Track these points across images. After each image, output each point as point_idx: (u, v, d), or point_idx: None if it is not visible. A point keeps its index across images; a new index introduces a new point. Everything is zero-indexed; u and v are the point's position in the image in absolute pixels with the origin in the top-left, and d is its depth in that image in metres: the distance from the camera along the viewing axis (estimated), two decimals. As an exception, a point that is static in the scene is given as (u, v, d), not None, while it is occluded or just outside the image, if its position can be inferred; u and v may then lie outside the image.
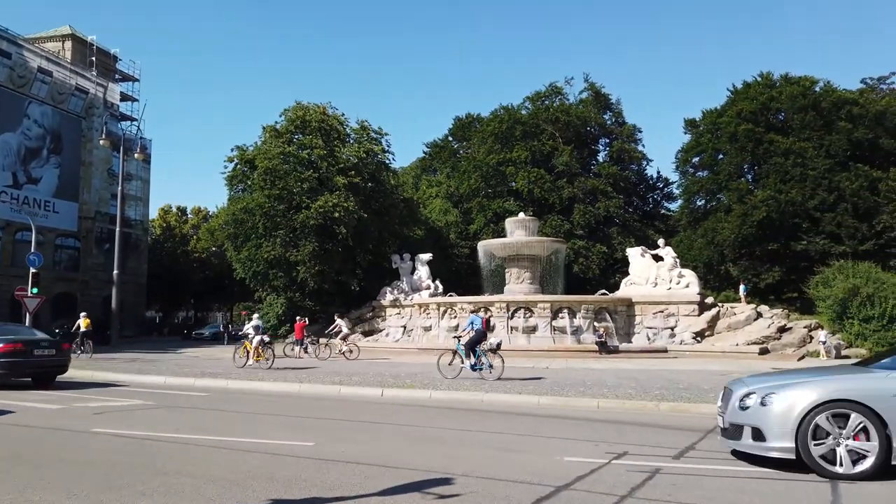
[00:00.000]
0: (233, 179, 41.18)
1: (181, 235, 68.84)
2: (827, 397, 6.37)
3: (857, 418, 6.18)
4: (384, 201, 41.46)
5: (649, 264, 33.67)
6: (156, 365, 20.20)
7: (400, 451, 7.47)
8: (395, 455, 7.16)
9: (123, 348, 31.22)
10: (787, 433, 6.37)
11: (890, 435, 6.10)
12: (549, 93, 56.10)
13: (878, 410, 6.15)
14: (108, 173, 52.86)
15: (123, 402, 11.78)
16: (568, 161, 50.14)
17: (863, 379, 6.73)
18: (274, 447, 7.45)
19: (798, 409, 6.38)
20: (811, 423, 6.29)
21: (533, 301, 30.68)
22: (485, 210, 50.15)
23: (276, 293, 40.50)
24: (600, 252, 47.90)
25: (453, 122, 63.33)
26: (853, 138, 42.86)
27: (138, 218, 57.05)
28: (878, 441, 6.11)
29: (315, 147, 38.85)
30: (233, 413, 10.64)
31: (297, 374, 17.47)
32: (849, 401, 6.28)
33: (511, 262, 34.11)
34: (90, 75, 52.16)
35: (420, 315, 34.75)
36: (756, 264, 44.15)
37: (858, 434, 6.19)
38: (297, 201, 38.28)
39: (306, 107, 40.60)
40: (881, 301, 27.62)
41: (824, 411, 6.30)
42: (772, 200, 42.06)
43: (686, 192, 51.90)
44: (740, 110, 46.21)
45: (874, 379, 6.60)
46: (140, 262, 56.49)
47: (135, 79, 58.53)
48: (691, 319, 31.45)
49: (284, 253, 37.61)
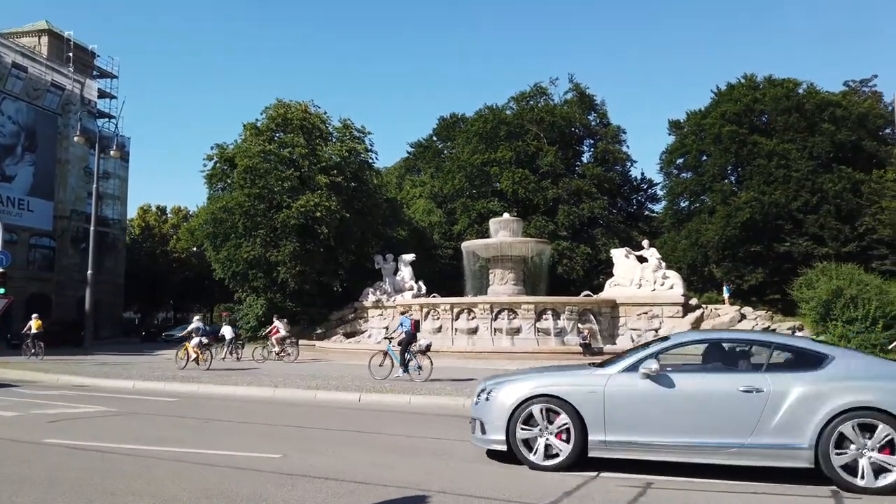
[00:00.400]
0: (212, 178, 40.40)
1: (161, 235, 67.75)
2: (534, 392, 6.72)
3: (555, 409, 6.59)
4: (367, 201, 40.89)
5: (633, 265, 33.45)
6: (126, 368, 19.51)
7: (373, 462, 6.98)
8: (366, 468, 6.67)
9: (97, 350, 30.39)
10: (502, 426, 6.71)
11: (585, 424, 6.47)
12: (534, 93, 55.88)
13: (574, 404, 6.53)
14: (84, 171, 51.72)
15: (84, 409, 11.15)
16: (552, 162, 49.89)
17: (571, 376, 6.97)
18: (238, 460, 6.92)
19: (509, 402, 6.76)
20: (520, 417, 6.66)
21: (517, 302, 30.29)
22: (469, 210, 49.75)
23: (256, 294, 39.75)
24: (584, 253, 47.69)
25: (438, 122, 63.02)
26: (836, 140, 43.04)
27: (116, 217, 55.92)
28: (574, 429, 6.48)
29: (296, 145, 38.18)
30: (199, 421, 10.09)
31: (236, 376, 17.01)
32: (552, 396, 6.65)
33: (495, 263, 33.72)
34: (67, 71, 51.00)
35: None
36: (739, 266, 44.16)
37: (561, 432, 6.54)
38: (278, 200, 37.62)
39: (288, 104, 39.93)
40: (864, 303, 27.46)
41: (533, 405, 6.66)
42: (755, 202, 42.09)
43: (670, 193, 51.93)
44: (724, 112, 46.27)
45: (581, 376, 6.89)
46: (118, 261, 55.40)
47: (113, 75, 57.41)
48: (675, 321, 31.24)
49: (264, 253, 36.93)
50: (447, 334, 30.42)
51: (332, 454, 7.41)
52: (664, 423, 6.36)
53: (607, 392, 6.53)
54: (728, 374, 6.54)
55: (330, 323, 39.55)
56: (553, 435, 6.56)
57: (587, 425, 6.47)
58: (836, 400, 5.96)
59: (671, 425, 6.34)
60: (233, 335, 24.89)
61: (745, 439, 6.13)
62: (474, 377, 16.70)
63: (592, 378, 6.74)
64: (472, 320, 30.11)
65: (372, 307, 37.32)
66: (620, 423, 6.43)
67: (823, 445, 5.90)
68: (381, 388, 13.96)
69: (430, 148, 62.35)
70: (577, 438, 6.46)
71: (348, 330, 37.93)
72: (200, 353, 19.30)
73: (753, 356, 6.82)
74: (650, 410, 6.43)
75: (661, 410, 6.40)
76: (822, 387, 6.09)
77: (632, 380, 6.55)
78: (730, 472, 6.32)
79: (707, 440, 6.24)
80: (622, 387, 6.55)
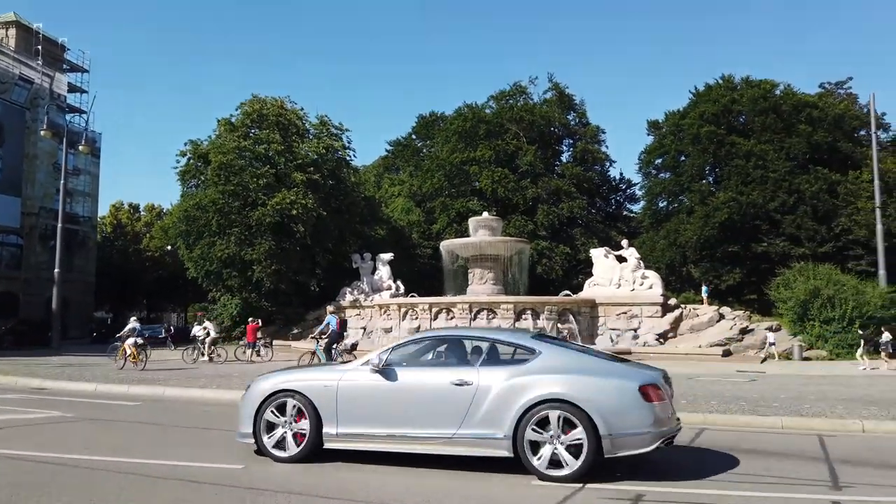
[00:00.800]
0: (185, 175, 39.50)
1: (133, 233, 66.45)
2: (277, 388, 7.10)
3: (295, 403, 6.95)
4: (344, 199, 40.28)
5: (613, 265, 33.27)
6: (91, 370, 18.77)
7: (341, 475, 6.51)
8: (337, 482, 6.20)
9: (65, 350, 29.45)
10: (250, 419, 7.08)
11: (320, 417, 6.83)
12: (514, 92, 55.59)
13: (311, 398, 6.89)
14: (53, 167, 50.31)
15: (38, 415, 10.51)
16: (532, 161, 49.66)
17: (318, 372, 7.54)
18: (195, 472, 6.41)
19: (256, 397, 7.13)
20: (265, 411, 7.03)
21: (496, 302, 29.96)
22: (448, 210, 49.31)
23: (230, 293, 38.94)
24: (563, 253, 47.51)
25: (417, 121, 62.42)
26: (813, 141, 43.34)
27: (87, 214, 54.60)
28: (310, 422, 6.84)
29: (272, 142, 37.46)
30: (158, 427, 9.50)
31: (166, 375, 16.45)
32: (293, 391, 7.03)
33: (474, 263, 33.36)
34: (36, 65, 49.65)
35: (380, 316, 33.71)
36: (717, 266, 44.26)
37: (299, 417, 6.93)
38: (253, 198, 36.88)
39: (263, 100, 39.16)
40: (841, 303, 27.65)
41: (276, 400, 7.02)
42: (733, 202, 42.22)
43: (649, 193, 51.98)
44: (702, 112, 46.39)
45: (326, 372, 7.33)
46: (88, 260, 54.10)
47: (84, 69, 56.04)
48: (654, 321, 31.12)
49: (239, 251, 36.16)
50: (425, 334, 29.99)
51: (294, 465, 6.91)
52: (387, 414, 6.70)
53: (340, 386, 6.88)
54: (445, 369, 6.88)
55: (306, 323, 38.86)
56: (293, 428, 6.95)
57: (322, 418, 6.82)
58: (531, 392, 6.25)
59: (393, 417, 6.67)
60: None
61: (455, 430, 6.42)
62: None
63: (332, 374, 7.14)
64: (451, 320, 29.74)
65: (349, 307, 36.75)
66: (350, 416, 6.77)
67: (519, 435, 6.19)
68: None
69: (408, 146, 61.82)
70: (312, 431, 6.82)
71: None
72: (136, 353, 19.51)
73: (474, 351, 7.06)
74: (375, 403, 6.79)
75: (385, 403, 6.75)
76: (522, 380, 6.38)
77: (363, 375, 6.90)
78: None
79: (422, 431, 6.54)
80: (353, 381, 6.91)
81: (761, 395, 12.92)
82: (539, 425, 6.18)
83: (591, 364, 6.61)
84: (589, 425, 6.01)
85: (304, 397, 6.91)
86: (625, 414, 6.07)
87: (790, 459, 7.40)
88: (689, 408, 11.07)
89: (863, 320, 26.52)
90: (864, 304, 27.54)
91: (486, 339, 7.04)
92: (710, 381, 16.21)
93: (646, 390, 6.16)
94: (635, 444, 6.05)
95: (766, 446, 8.22)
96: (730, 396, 12.73)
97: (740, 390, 14.10)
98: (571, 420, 6.07)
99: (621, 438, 6.02)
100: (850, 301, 27.54)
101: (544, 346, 6.80)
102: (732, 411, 10.67)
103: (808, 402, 11.98)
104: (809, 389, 14.42)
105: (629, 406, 6.09)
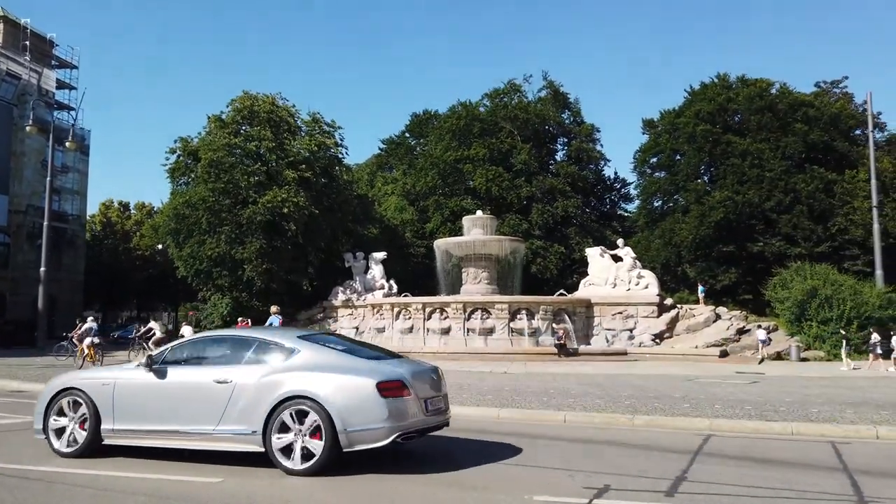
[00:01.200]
0: (175, 172, 38.83)
1: (123, 232, 65.66)
2: (64, 385, 7.50)
3: (77, 401, 7.29)
4: (337, 197, 39.72)
5: (608, 265, 32.94)
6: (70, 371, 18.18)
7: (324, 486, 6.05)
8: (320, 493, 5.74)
9: (50, 350, 28.76)
10: (41, 415, 7.41)
11: (99, 414, 7.14)
12: (508, 90, 55.10)
13: (91, 396, 7.23)
14: (42, 165, 49.51)
15: (9, 420, 10.00)
16: (526, 160, 49.24)
17: (97, 371, 8.22)
18: (169, 487, 5.95)
19: (46, 394, 7.53)
20: (53, 408, 7.36)
21: (490, 302, 29.60)
22: (442, 208, 48.84)
23: (220, 293, 38.29)
24: (558, 252, 47.12)
25: (410, 119, 61.79)
26: (809, 140, 43.09)
27: (75, 212, 53.79)
28: (90, 419, 7.15)
29: (263, 139, 36.85)
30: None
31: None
32: (76, 389, 7.37)
33: (468, 262, 32.96)
34: (23, 60, 48.87)
35: (373, 316, 33.27)
36: (712, 265, 43.97)
37: (83, 421, 7.22)
38: (244, 196, 36.29)
39: (254, 97, 38.51)
40: (839, 303, 27.37)
41: (64, 397, 7.36)
42: (729, 201, 41.93)
43: (644, 192, 51.66)
44: (698, 111, 46.08)
45: (110, 371, 7.78)
46: (77, 258, 53.32)
47: (73, 66, 55.21)
48: (650, 321, 30.82)
49: (229, 250, 35.56)
50: (419, 334, 29.62)
51: (276, 477, 6.44)
52: (156, 411, 7.00)
53: (118, 385, 7.22)
54: (212, 367, 7.11)
55: (298, 323, 38.33)
56: (77, 424, 7.25)
57: (101, 415, 7.14)
58: (281, 389, 6.55)
59: (162, 413, 6.96)
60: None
61: (214, 426, 6.70)
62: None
63: (112, 372, 7.58)
64: (444, 320, 29.38)
65: (342, 307, 36.28)
66: (125, 413, 7.08)
67: (269, 431, 6.48)
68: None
69: (402, 145, 61.27)
70: (92, 427, 7.14)
71: (317, 330, 36.82)
72: (94, 352, 20.18)
73: (241, 350, 7.25)
74: (147, 401, 7.10)
75: (155, 400, 7.06)
76: (275, 377, 6.68)
77: (139, 374, 7.24)
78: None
79: (187, 427, 6.82)
80: (130, 380, 7.26)
81: (766, 399, 12.53)
82: (288, 421, 6.47)
83: (340, 362, 6.89)
84: (327, 421, 6.31)
85: (86, 395, 7.25)
86: (360, 410, 6.37)
87: (807, 470, 6.98)
88: (693, 412, 10.69)
89: (860, 321, 26.28)
90: (862, 304, 27.29)
91: (252, 339, 7.33)
92: (710, 384, 15.84)
93: (383, 387, 6.44)
94: (369, 438, 6.37)
95: (778, 455, 7.80)
96: (733, 400, 12.34)
97: (743, 393, 13.73)
98: (314, 416, 6.37)
99: (356, 433, 6.34)
100: (848, 301, 27.27)
101: (304, 344, 7.07)
102: (738, 416, 10.27)
103: (814, 405, 11.60)
104: (813, 392, 14.07)
105: (365, 402, 6.40)
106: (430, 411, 6.83)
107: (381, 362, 7.11)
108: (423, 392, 6.81)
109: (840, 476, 6.68)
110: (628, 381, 16.54)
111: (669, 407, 11.28)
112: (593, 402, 12.00)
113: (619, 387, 14.79)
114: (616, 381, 16.48)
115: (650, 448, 8.14)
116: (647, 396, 12.84)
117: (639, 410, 10.89)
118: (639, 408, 11.20)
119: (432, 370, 7.29)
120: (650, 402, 12.00)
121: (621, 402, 11.87)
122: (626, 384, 15.53)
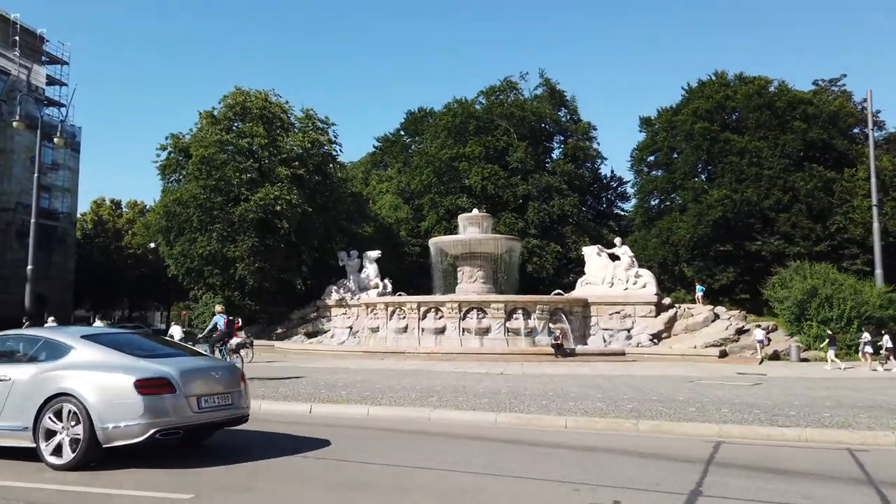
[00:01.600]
0: (166, 169, 38.31)
1: (115, 230, 64.92)
2: None
3: None
4: (331, 195, 39.23)
5: (606, 264, 32.53)
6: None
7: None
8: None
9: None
10: None
11: None
12: (504, 88, 54.57)
13: None
14: (31, 161, 48.86)
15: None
16: (522, 158, 48.75)
17: None
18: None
19: None
20: None
21: (486, 301, 29.15)
22: (437, 207, 48.31)
23: (212, 292, 37.77)
24: (554, 251, 46.67)
25: (405, 116, 61.24)
26: (808, 138, 42.73)
27: (66, 210, 53.21)
28: None
29: (256, 135, 36.32)
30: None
31: None
32: None
33: (464, 261, 32.51)
34: (13, 56, 48.23)
35: (367, 315, 32.75)
36: (710, 265, 43.57)
37: None
38: (236, 193, 35.80)
39: (247, 93, 37.97)
40: (839, 302, 27.00)
41: None
42: (727, 200, 41.52)
43: (641, 191, 51.24)
44: (696, 109, 45.67)
45: None
46: (67, 257, 52.69)
47: (63, 62, 54.54)
48: (648, 321, 30.42)
49: (221, 248, 35.06)
50: (413, 334, 29.17)
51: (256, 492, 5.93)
52: None
53: None
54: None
55: (291, 322, 37.87)
56: None
57: None
58: (50, 386, 6.80)
59: None
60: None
61: None
62: (302, 375, 16.95)
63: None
64: (439, 320, 28.93)
65: (335, 306, 35.78)
66: None
67: (38, 427, 6.70)
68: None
69: (397, 142, 60.74)
70: None
71: (310, 329, 36.30)
72: None
73: (27, 349, 7.49)
74: None
75: None
76: (48, 375, 6.93)
77: None
78: None
79: None
80: None
81: (774, 402, 12.08)
82: (54, 417, 6.70)
83: (108, 360, 7.01)
84: (87, 418, 6.52)
85: None
86: (117, 407, 6.56)
87: (829, 482, 6.51)
88: (700, 417, 10.23)
89: (861, 321, 25.91)
90: (863, 303, 26.92)
91: (38, 337, 7.57)
92: (713, 385, 15.40)
93: (142, 384, 6.58)
94: (125, 434, 6.52)
95: (795, 464, 7.33)
96: (740, 403, 11.88)
97: (748, 395, 13.28)
98: (76, 413, 6.57)
99: (113, 430, 6.51)
100: (849, 301, 26.89)
101: (81, 343, 7.23)
102: (748, 421, 9.80)
103: (825, 409, 11.16)
104: (819, 394, 13.64)
105: (121, 399, 6.57)
106: (203, 408, 6.96)
107: (153, 360, 7.17)
108: (197, 390, 6.95)
109: (866, 489, 6.21)
110: (628, 382, 16.08)
111: (674, 411, 10.81)
112: (594, 405, 11.52)
113: (619, 389, 14.32)
114: (615, 382, 16.02)
115: (658, 457, 7.66)
116: (650, 399, 12.38)
117: (643, 415, 10.41)
118: (642, 412, 10.72)
119: (216, 368, 7.50)
120: (653, 405, 11.53)
121: (623, 406, 11.40)
122: (627, 386, 15.08)
